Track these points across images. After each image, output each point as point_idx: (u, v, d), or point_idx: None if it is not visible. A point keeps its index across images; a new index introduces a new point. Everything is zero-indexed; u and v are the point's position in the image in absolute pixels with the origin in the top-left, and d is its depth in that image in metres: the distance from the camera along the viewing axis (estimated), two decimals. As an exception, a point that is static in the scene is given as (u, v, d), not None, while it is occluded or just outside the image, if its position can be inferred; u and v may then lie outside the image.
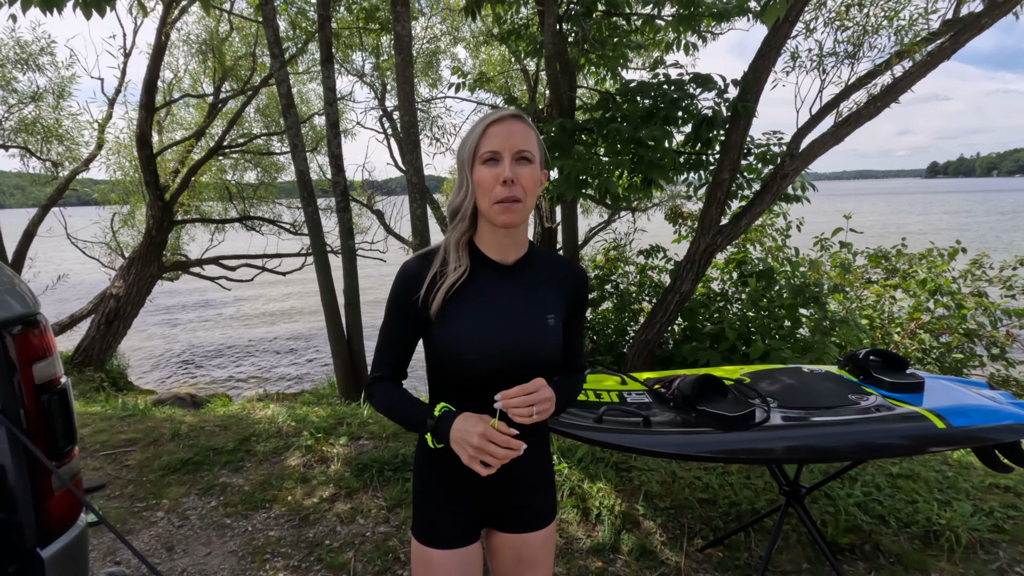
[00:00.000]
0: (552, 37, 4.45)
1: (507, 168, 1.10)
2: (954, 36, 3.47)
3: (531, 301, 1.20)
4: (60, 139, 8.90)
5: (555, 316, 1.21)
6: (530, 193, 1.13)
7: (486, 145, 1.12)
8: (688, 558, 2.56)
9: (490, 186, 1.11)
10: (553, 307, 1.22)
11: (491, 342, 1.14)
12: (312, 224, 5.67)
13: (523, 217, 1.15)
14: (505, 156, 1.11)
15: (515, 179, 1.11)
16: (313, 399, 6.76)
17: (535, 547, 1.30)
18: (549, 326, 1.19)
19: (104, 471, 3.54)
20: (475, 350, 1.13)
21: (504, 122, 1.12)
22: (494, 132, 1.11)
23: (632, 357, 4.96)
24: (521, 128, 1.13)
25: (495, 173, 1.11)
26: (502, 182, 1.10)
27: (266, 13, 5.30)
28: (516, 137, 1.11)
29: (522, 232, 1.21)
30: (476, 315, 1.16)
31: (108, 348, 8.33)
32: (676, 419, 1.94)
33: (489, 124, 1.12)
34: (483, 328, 1.15)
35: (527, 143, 1.12)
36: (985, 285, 5.38)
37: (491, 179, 1.11)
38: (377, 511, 3.00)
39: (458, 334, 1.15)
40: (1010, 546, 2.62)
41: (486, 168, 1.12)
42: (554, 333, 1.20)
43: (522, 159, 1.12)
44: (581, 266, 1.32)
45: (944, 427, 1.84)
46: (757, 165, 4.75)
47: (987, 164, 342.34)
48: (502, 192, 1.10)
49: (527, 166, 1.13)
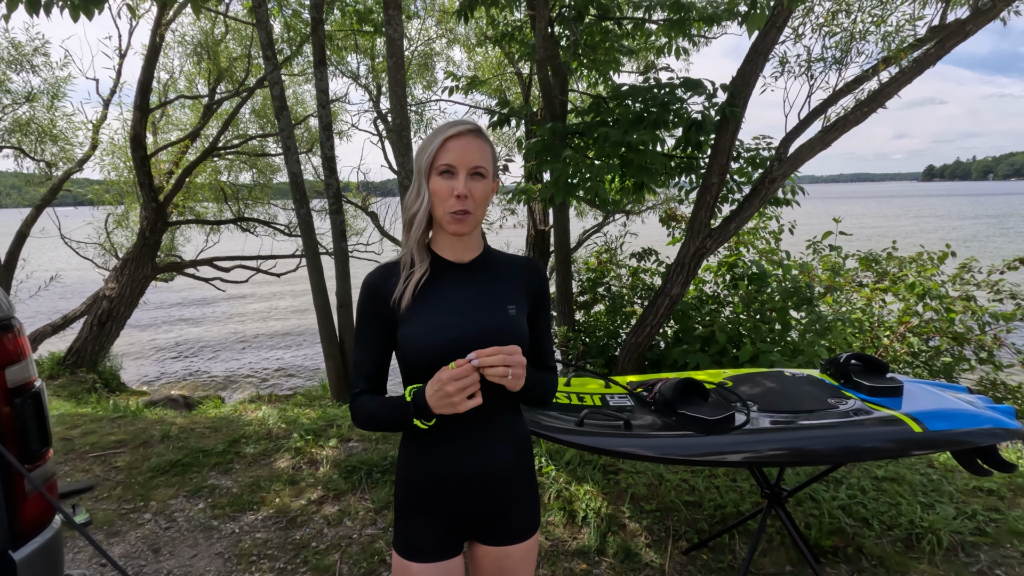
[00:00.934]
0: (544, 41, 4.47)
1: (462, 183, 1.16)
2: (940, 42, 3.51)
3: (490, 294, 1.24)
4: (54, 139, 8.88)
5: (515, 307, 1.24)
6: (480, 205, 1.20)
7: (443, 158, 1.17)
8: (672, 560, 2.57)
9: (445, 197, 1.17)
10: (512, 299, 1.25)
11: (454, 336, 1.17)
12: (305, 226, 5.68)
13: (473, 226, 1.21)
14: (460, 171, 1.16)
15: (468, 193, 1.16)
16: (305, 401, 6.76)
17: (516, 559, 1.30)
18: (510, 315, 1.22)
19: (93, 472, 3.54)
20: (440, 346, 1.16)
21: (462, 137, 1.17)
22: (452, 147, 1.16)
23: (623, 360, 4.98)
24: (477, 144, 1.18)
25: (450, 186, 1.16)
26: (456, 196, 1.16)
27: (259, 15, 5.31)
28: (472, 154, 1.17)
29: (476, 234, 1.27)
30: (437, 312, 1.20)
31: (101, 349, 8.31)
32: (657, 422, 1.95)
33: (448, 138, 1.17)
34: (445, 323, 1.18)
35: (482, 159, 1.18)
36: (973, 289, 5.42)
37: (446, 191, 1.17)
38: (365, 513, 3.01)
39: (421, 332, 1.18)
40: (991, 549, 2.64)
41: (442, 180, 1.17)
42: (516, 323, 1.23)
43: (476, 174, 1.18)
44: (538, 261, 1.35)
45: (920, 431, 1.86)
46: (747, 169, 4.78)
47: (983, 168, 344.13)
48: (455, 205, 1.17)
49: (480, 181, 1.19)
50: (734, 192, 4.87)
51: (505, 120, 5.50)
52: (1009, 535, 2.71)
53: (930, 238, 6.13)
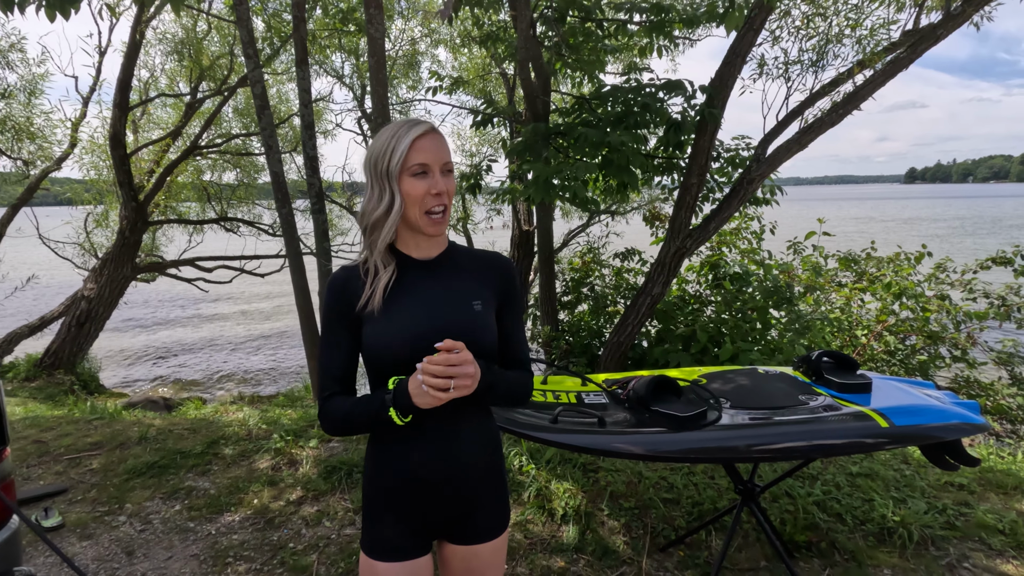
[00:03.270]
0: (525, 41, 4.49)
1: (439, 181, 1.18)
2: (912, 46, 3.58)
3: (455, 290, 1.24)
4: (32, 137, 8.71)
5: (481, 302, 1.24)
6: (451, 200, 1.23)
7: (415, 158, 1.16)
8: (650, 557, 2.59)
9: (421, 197, 1.17)
10: (478, 295, 1.24)
11: (420, 333, 1.16)
12: (287, 225, 5.63)
13: (448, 224, 1.24)
14: (435, 169, 1.18)
15: (444, 190, 1.19)
16: (287, 402, 6.71)
17: (484, 559, 1.30)
18: (476, 311, 1.22)
19: (67, 475, 3.49)
20: (407, 343, 1.15)
21: (429, 135, 1.18)
22: (423, 146, 1.17)
23: (606, 359, 5.01)
24: (443, 141, 1.21)
25: (426, 185, 1.17)
26: (434, 194, 1.17)
27: (240, 13, 5.26)
28: (442, 150, 1.19)
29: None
30: (403, 309, 1.20)
31: (79, 350, 8.18)
32: (630, 419, 1.97)
33: (417, 138, 1.17)
34: (411, 320, 1.18)
35: (448, 155, 1.21)
36: (948, 288, 5.52)
37: (422, 190, 1.17)
38: (344, 513, 3.00)
39: (386, 331, 1.18)
40: (960, 542, 2.69)
41: (416, 180, 1.17)
42: (482, 319, 1.22)
43: (447, 171, 1.20)
44: (503, 255, 1.34)
45: (887, 426, 1.89)
46: (727, 169, 4.83)
47: (963, 170, 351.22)
48: (433, 202, 1.18)
49: (450, 176, 1.21)
50: (714, 192, 4.93)
51: (488, 120, 5.50)
52: (977, 528, 2.77)
53: (905, 240, 6.21)
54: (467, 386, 1.08)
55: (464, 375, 1.07)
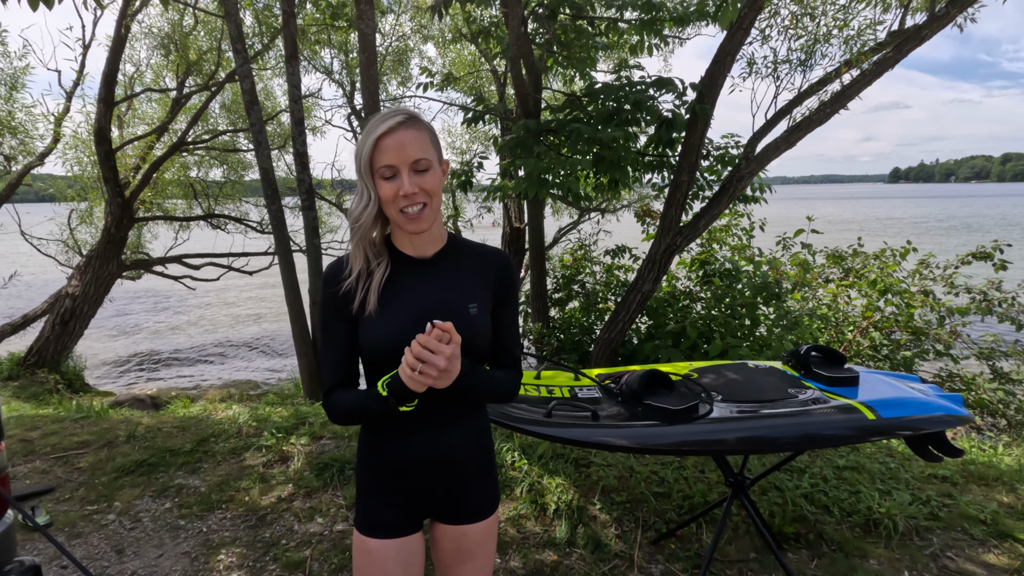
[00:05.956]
0: (516, 38, 4.49)
1: (406, 182, 1.10)
2: (897, 47, 3.64)
3: (451, 291, 1.22)
4: (13, 132, 8.56)
5: (477, 305, 1.22)
6: (435, 194, 1.15)
7: (381, 160, 1.11)
8: (641, 550, 2.62)
9: (392, 199, 1.12)
10: (475, 296, 1.23)
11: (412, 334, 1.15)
12: (276, 222, 5.60)
13: (432, 220, 1.17)
14: (403, 170, 1.11)
15: (417, 188, 1.11)
16: (277, 399, 6.67)
17: (474, 539, 1.32)
18: (471, 315, 1.21)
19: (54, 474, 3.44)
20: (400, 343, 1.14)
21: (395, 133, 1.10)
22: (387, 146, 1.10)
23: (596, 355, 5.03)
24: (412, 135, 1.11)
25: (395, 187, 1.11)
26: (403, 195, 1.11)
27: (228, 8, 5.21)
28: (410, 147, 1.10)
29: (436, 226, 1.23)
30: (396, 309, 1.19)
31: (63, 349, 8.06)
32: (623, 413, 1.99)
33: (380, 137, 1.10)
34: (404, 321, 1.17)
35: (422, 150, 1.12)
36: (931, 284, 5.62)
37: (392, 193, 1.11)
38: (336, 510, 2.99)
39: (380, 332, 1.17)
40: (944, 533, 2.75)
41: (384, 183, 1.12)
42: (478, 320, 1.21)
43: (420, 169, 1.12)
44: (504, 252, 1.32)
45: (874, 418, 1.93)
46: (717, 167, 4.87)
47: (945, 170, 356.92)
48: (404, 203, 1.12)
49: (427, 173, 1.13)
50: (704, 190, 4.97)
51: (479, 117, 5.50)
52: (960, 519, 2.84)
53: (886, 238, 6.32)
54: (432, 376, 1.04)
55: (433, 364, 1.02)
